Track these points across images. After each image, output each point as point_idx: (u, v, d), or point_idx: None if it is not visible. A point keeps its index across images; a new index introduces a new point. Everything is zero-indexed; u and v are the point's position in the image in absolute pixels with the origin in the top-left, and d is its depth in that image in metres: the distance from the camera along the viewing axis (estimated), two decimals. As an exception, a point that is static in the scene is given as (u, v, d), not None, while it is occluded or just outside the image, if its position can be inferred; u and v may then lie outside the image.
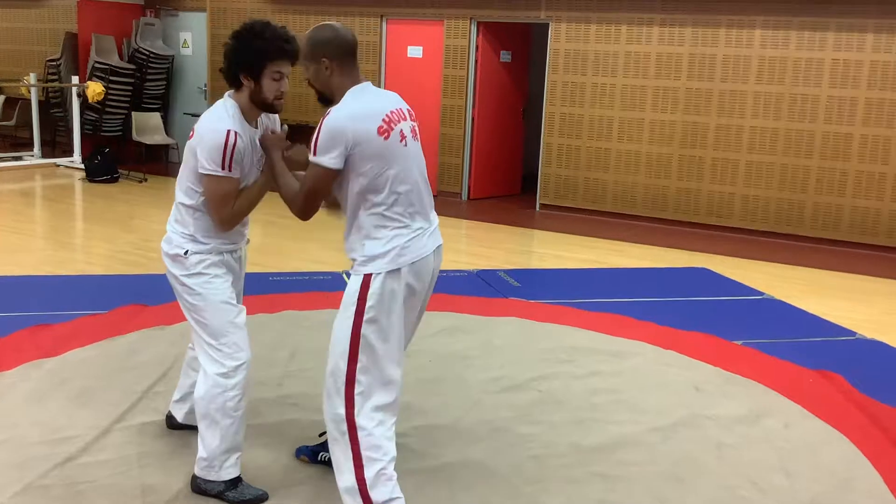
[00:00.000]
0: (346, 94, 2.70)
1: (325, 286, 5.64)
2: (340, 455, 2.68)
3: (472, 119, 9.89)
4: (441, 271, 6.70)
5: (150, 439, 3.31)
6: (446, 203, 9.80)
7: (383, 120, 2.66)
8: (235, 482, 2.94)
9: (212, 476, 2.91)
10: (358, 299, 2.64)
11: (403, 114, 2.78)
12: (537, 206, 9.60)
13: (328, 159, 2.60)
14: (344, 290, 2.73)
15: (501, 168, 10.37)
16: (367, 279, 2.65)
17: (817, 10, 7.94)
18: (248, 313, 3.63)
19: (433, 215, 2.83)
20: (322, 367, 3.65)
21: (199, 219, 2.92)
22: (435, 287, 2.88)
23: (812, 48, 8.01)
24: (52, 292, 5.34)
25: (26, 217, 8.38)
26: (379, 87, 2.82)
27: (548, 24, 9.21)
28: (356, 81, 2.74)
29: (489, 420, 3.67)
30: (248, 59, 2.84)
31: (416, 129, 2.86)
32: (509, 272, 6.41)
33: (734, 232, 8.50)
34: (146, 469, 3.07)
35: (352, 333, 2.65)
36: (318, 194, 2.70)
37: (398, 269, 2.65)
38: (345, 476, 2.66)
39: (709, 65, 8.44)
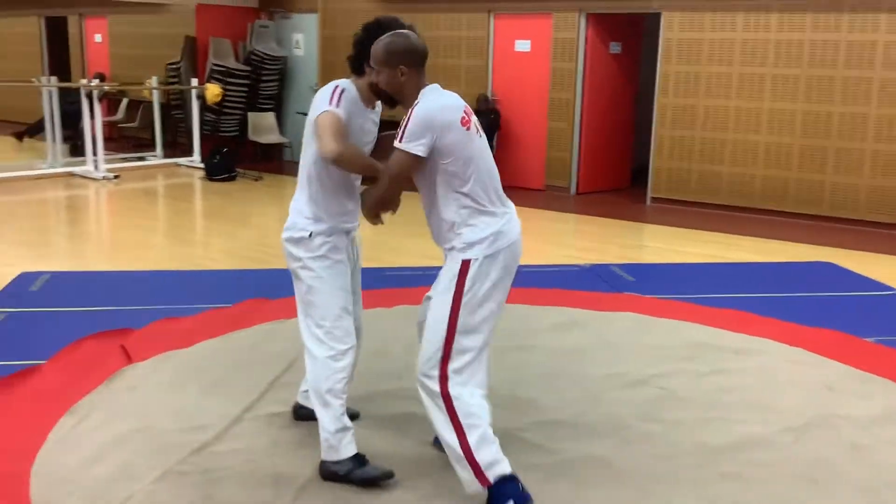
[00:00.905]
0: (425, 92, 2.85)
1: (438, 281, 5.68)
2: (444, 429, 2.79)
3: (581, 112, 9.77)
4: (553, 266, 6.65)
5: (277, 429, 3.40)
6: (554, 198, 9.73)
7: (464, 111, 2.83)
8: (360, 460, 3.02)
9: (335, 456, 3.00)
10: (457, 284, 2.77)
11: (470, 110, 2.92)
12: (648, 199, 9.42)
13: (416, 146, 2.73)
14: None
15: (611, 161, 10.22)
16: (465, 265, 2.78)
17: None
18: (364, 307, 3.72)
19: (509, 201, 2.97)
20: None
21: (319, 199, 3.05)
22: (548, 282, 2.91)
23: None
24: (176, 287, 5.55)
25: (150, 215, 8.75)
26: (487, 82, 2.97)
27: (660, 13, 9.01)
28: (425, 84, 2.88)
29: (611, 416, 3.62)
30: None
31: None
32: (622, 267, 6.31)
33: (860, 225, 8.13)
34: (276, 458, 3.15)
35: (450, 315, 2.78)
36: (400, 181, 2.84)
37: (495, 253, 2.79)
38: (451, 447, 2.77)
39: (831, 51, 8.09)
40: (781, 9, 8.28)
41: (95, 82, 10.91)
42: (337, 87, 2.97)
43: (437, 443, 3.26)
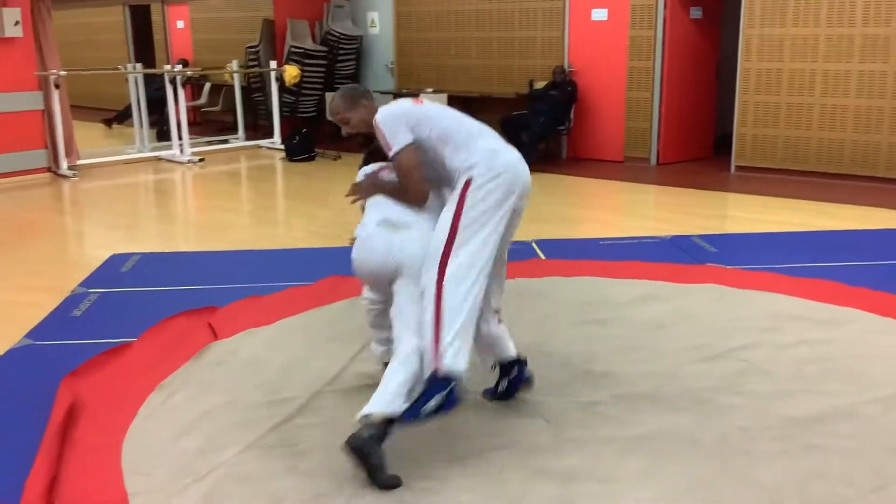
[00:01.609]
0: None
1: (514, 255, 5.64)
2: (426, 312, 2.97)
3: (661, 81, 9.57)
4: (633, 238, 6.56)
5: (358, 402, 3.45)
6: (634, 169, 9.58)
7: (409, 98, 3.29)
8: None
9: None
10: (459, 197, 3.05)
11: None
12: (732, 167, 9.19)
13: (402, 138, 3.11)
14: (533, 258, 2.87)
15: (692, 130, 9.99)
16: (467, 182, 3.05)
17: None
18: None
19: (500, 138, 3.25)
20: (518, 336, 3.69)
21: None
22: (626, 254, 2.91)
23: None
24: (259, 265, 5.68)
25: (234, 196, 8.97)
26: (563, 53, 3.43)
27: (741, -25, 8.74)
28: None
29: (691, 389, 3.56)
30: None
31: None
32: (704, 237, 6.18)
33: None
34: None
35: (451, 225, 3.02)
36: (412, 172, 3.15)
37: (496, 172, 3.05)
38: (426, 336, 2.95)
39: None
40: (871, -35, 7.93)
41: (178, 68, 11.20)
42: None
43: (487, 393, 3.46)
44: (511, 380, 3.40)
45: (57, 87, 9.29)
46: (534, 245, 5.94)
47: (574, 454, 3.03)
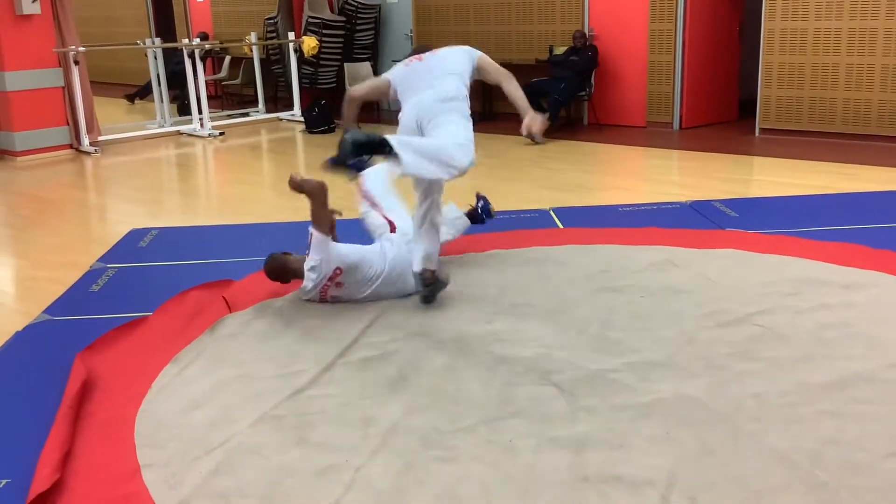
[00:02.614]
0: None
1: (532, 223, 5.63)
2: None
3: (683, 43, 9.40)
4: (651, 204, 6.48)
5: (370, 374, 3.47)
6: (656, 134, 9.46)
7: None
8: None
9: None
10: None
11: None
12: (757, 131, 9.04)
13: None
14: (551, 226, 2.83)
15: (716, 93, 9.83)
16: None
17: None
18: (456, 253, 3.88)
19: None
20: (533, 304, 3.63)
21: None
22: (645, 220, 2.88)
23: None
24: (279, 237, 5.67)
25: (255, 170, 8.98)
26: (583, 17, 4.23)
27: (764, -68, 8.53)
28: None
29: (705, 356, 3.52)
30: None
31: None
32: (726, 202, 6.09)
33: None
34: (367, 401, 3.22)
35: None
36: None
37: None
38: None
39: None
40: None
41: (196, 41, 11.19)
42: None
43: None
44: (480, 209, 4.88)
45: (76, 63, 9.32)
46: (552, 213, 5.89)
47: (586, 422, 3.01)
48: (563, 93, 9.35)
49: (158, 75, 11.32)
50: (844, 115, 8.38)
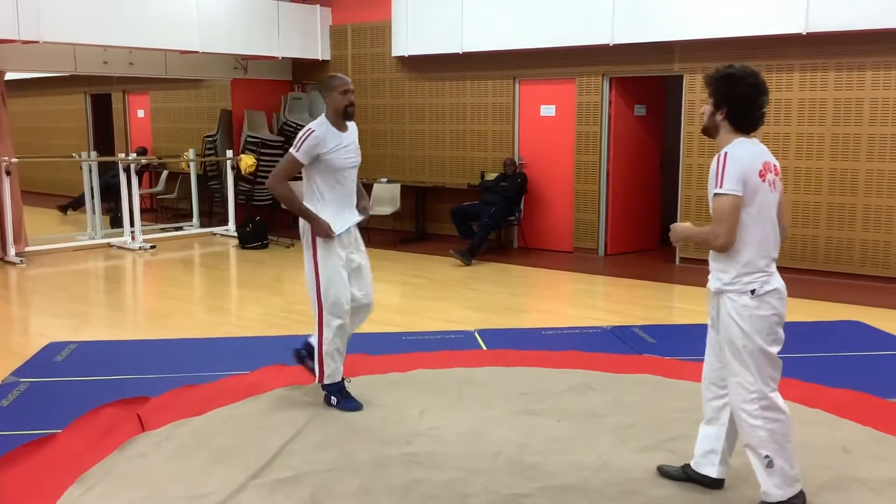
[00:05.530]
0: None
1: (456, 345, 5.70)
2: None
3: (607, 174, 9.82)
4: (574, 328, 6.60)
5: (282, 496, 3.42)
6: (582, 259, 9.73)
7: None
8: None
9: None
10: None
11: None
12: (677, 259, 9.38)
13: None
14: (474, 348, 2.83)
15: (638, 222, 10.21)
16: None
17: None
18: (380, 372, 3.93)
19: None
20: (453, 426, 3.64)
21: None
22: (566, 344, 2.90)
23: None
24: (201, 354, 5.64)
25: (184, 284, 8.93)
26: (514, 146, 3.92)
27: (682, 75, 9.10)
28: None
29: (618, 481, 3.57)
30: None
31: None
32: (645, 328, 6.27)
33: (892, 282, 7.99)
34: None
35: None
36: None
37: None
38: None
39: (855, 109, 8.07)
40: (802, 68, 8.30)
41: (133, 156, 11.26)
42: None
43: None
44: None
45: (8, 174, 9.28)
46: (476, 335, 5.98)
47: (496, 548, 3.01)
48: (493, 217, 9.62)
49: (92, 188, 11.31)
50: (759, 246, 8.77)
